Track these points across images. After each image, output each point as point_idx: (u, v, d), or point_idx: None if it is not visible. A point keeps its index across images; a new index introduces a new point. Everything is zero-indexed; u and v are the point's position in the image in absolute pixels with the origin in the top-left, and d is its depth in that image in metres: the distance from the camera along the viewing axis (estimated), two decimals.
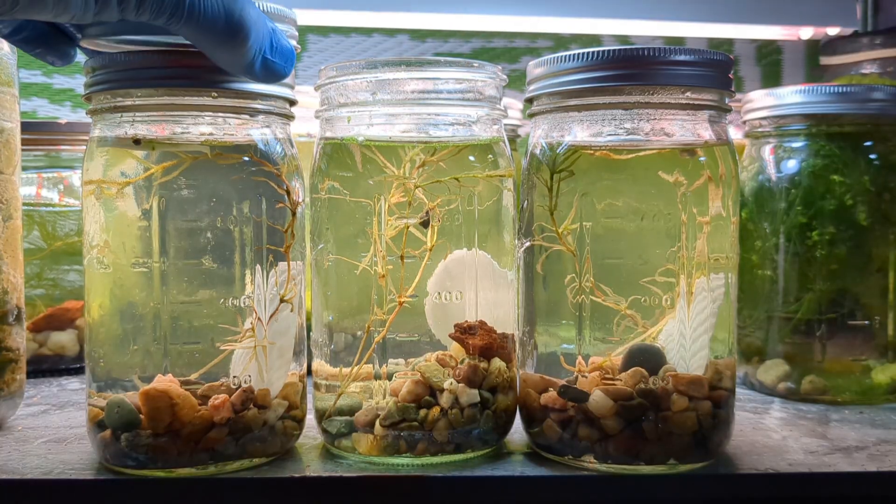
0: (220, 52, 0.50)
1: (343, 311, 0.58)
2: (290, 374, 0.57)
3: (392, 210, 0.55)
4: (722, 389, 0.56)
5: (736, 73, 1.26)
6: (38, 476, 0.53)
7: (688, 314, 0.54)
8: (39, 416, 0.68)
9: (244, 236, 0.55)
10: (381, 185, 0.55)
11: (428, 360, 0.56)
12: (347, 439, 0.56)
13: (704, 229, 0.55)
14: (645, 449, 0.54)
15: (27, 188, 0.87)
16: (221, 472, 0.54)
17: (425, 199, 0.55)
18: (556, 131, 0.57)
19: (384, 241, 0.55)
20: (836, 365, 0.74)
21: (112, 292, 0.55)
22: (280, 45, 0.52)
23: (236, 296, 0.55)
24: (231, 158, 0.55)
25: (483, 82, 0.57)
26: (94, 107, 0.55)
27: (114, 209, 0.54)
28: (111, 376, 0.55)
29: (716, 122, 0.57)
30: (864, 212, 0.74)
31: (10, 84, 0.66)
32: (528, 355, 0.59)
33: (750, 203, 0.78)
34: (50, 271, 0.87)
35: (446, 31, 1.22)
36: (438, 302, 0.56)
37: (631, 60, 0.54)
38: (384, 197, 0.55)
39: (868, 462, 0.57)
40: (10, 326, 0.65)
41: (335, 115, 0.57)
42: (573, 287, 0.55)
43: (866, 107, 0.74)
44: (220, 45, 0.49)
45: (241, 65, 0.51)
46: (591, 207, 0.55)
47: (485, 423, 0.56)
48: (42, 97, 1.17)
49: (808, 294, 0.74)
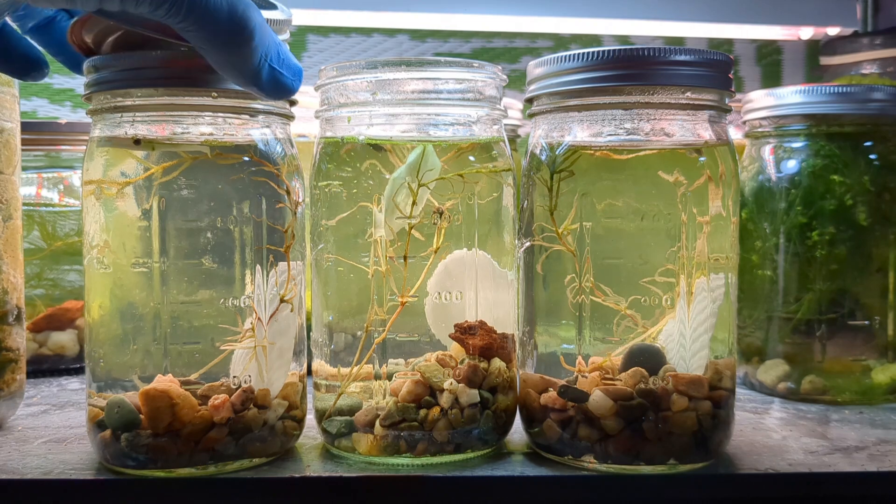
0: (224, 53, 0.48)
1: (343, 311, 0.58)
2: (290, 374, 0.57)
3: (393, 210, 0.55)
4: (722, 389, 0.56)
5: (736, 73, 1.26)
6: (38, 476, 0.53)
7: (688, 314, 0.54)
8: (39, 416, 0.68)
9: (244, 236, 0.55)
10: (381, 184, 0.55)
11: (428, 360, 0.56)
12: (347, 439, 0.56)
13: (704, 229, 0.55)
14: (645, 449, 0.54)
15: (27, 188, 0.87)
16: (221, 472, 0.54)
17: (434, 201, 0.55)
18: (556, 131, 0.57)
19: (384, 241, 0.55)
20: (836, 365, 0.74)
21: (112, 292, 0.55)
22: (288, 58, 0.51)
23: (236, 296, 0.55)
24: (231, 158, 0.55)
25: (483, 82, 0.57)
26: (94, 107, 0.55)
27: (114, 209, 0.54)
28: (111, 376, 0.55)
29: (716, 122, 0.57)
30: (864, 212, 0.74)
31: (10, 84, 0.66)
32: (528, 355, 0.59)
33: (750, 203, 0.78)
34: (50, 271, 0.87)
35: (446, 31, 1.22)
36: (438, 302, 0.56)
37: (631, 60, 0.54)
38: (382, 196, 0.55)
39: (868, 462, 0.57)
40: (10, 326, 0.65)
41: (335, 115, 0.57)
42: (573, 287, 0.55)
43: (866, 107, 0.74)
44: (224, 45, 0.47)
45: (248, 69, 0.49)
46: (591, 207, 0.55)
47: (485, 423, 0.56)
48: (42, 97, 1.17)
49: (808, 294, 0.74)
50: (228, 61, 0.49)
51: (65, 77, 1.17)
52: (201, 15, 0.45)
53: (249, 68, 0.49)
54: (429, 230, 0.56)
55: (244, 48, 0.48)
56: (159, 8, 0.44)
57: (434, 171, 0.55)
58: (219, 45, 0.48)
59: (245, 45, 0.48)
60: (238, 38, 0.47)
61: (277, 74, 0.50)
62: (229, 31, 0.47)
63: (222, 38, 0.47)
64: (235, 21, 0.47)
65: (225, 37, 0.47)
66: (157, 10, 0.44)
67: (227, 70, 0.49)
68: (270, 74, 0.50)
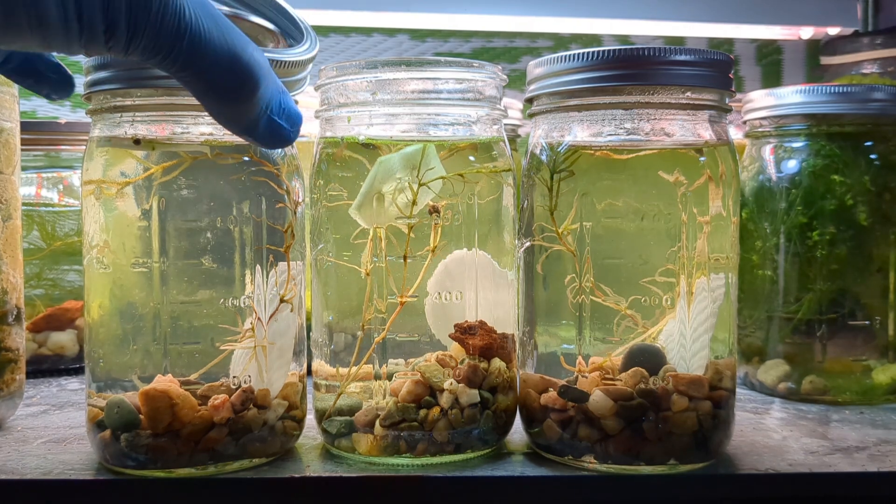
0: (223, 105, 0.43)
1: (343, 311, 0.58)
2: (290, 374, 0.57)
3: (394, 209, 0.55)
4: (722, 389, 0.56)
5: (736, 73, 1.26)
6: (38, 476, 0.53)
7: (688, 314, 0.54)
8: (39, 417, 0.68)
9: (244, 236, 0.55)
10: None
11: (428, 361, 0.56)
12: (347, 439, 0.56)
13: (705, 229, 0.55)
14: (645, 449, 0.54)
15: (27, 188, 0.87)
16: (221, 473, 0.54)
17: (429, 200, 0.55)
18: (556, 131, 0.57)
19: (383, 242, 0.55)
20: (837, 365, 0.74)
21: (112, 292, 0.55)
22: (289, 106, 0.45)
23: (236, 296, 0.55)
24: (231, 158, 0.54)
25: (483, 82, 0.57)
26: (94, 107, 0.55)
27: (113, 209, 0.54)
28: (111, 376, 0.55)
29: (716, 122, 0.57)
30: (865, 212, 0.74)
31: (10, 84, 0.66)
32: (528, 355, 0.59)
33: (750, 203, 0.77)
34: (50, 271, 0.87)
35: (446, 31, 1.22)
36: (438, 302, 0.56)
37: (631, 60, 0.54)
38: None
39: (868, 462, 0.57)
40: (10, 326, 0.65)
41: (335, 115, 0.57)
42: (573, 287, 0.55)
43: (867, 107, 0.74)
44: (223, 99, 0.42)
45: (245, 121, 0.44)
46: (592, 207, 0.55)
47: (485, 424, 0.56)
48: (42, 97, 1.17)
49: (809, 294, 0.74)
50: (225, 113, 0.44)
51: None
52: (202, 68, 0.40)
53: (246, 120, 0.44)
54: (420, 230, 0.56)
55: (245, 102, 0.43)
56: (154, 57, 0.39)
57: (435, 170, 0.55)
58: (219, 99, 0.43)
59: (247, 100, 0.43)
60: (240, 92, 0.42)
61: (276, 126, 0.45)
62: (231, 84, 0.42)
63: (222, 92, 0.42)
64: (238, 73, 0.42)
65: (226, 90, 0.42)
66: (152, 59, 0.39)
67: (221, 119, 0.45)
68: (268, 126, 0.45)
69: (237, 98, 0.42)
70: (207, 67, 0.40)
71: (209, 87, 0.42)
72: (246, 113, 0.43)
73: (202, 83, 0.41)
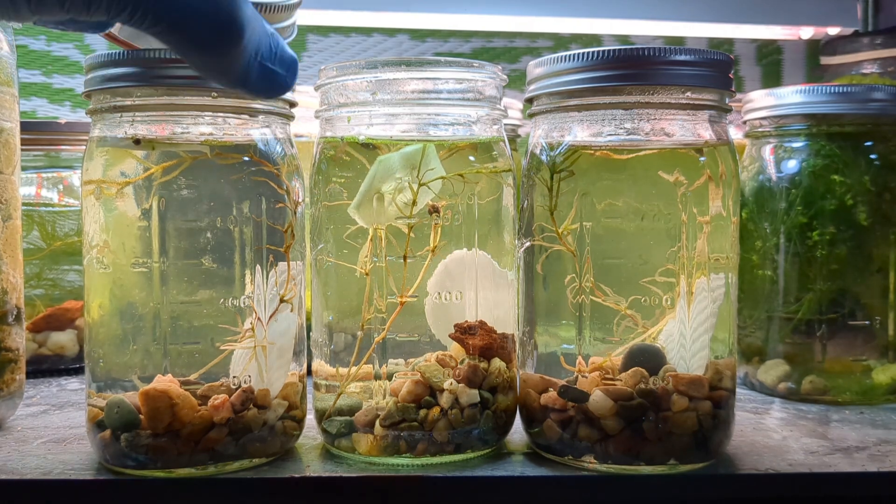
0: (206, 56, 0.39)
1: (343, 311, 0.58)
2: (290, 374, 0.57)
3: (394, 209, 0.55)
4: (722, 389, 0.56)
5: (736, 73, 1.26)
6: (38, 476, 0.53)
7: (688, 314, 0.54)
8: (39, 417, 0.68)
9: (244, 236, 0.55)
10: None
11: (428, 361, 0.56)
12: (347, 439, 0.56)
13: (705, 229, 0.55)
14: (645, 449, 0.54)
15: (27, 188, 0.87)
16: (221, 473, 0.54)
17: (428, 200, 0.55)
18: (556, 131, 0.57)
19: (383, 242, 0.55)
20: (837, 365, 0.74)
21: (112, 292, 0.55)
22: (281, 49, 0.43)
23: (236, 296, 0.55)
24: (231, 158, 0.54)
25: (483, 82, 0.57)
26: (94, 107, 0.55)
27: (113, 209, 0.54)
28: (111, 376, 0.55)
29: (716, 122, 0.57)
30: (865, 212, 0.74)
31: (10, 84, 0.66)
32: (528, 355, 0.59)
33: (750, 203, 0.77)
34: (50, 271, 0.87)
35: (446, 31, 1.22)
36: (438, 302, 0.56)
37: (631, 60, 0.54)
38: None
39: (868, 462, 0.57)
40: (10, 326, 0.65)
41: (335, 115, 0.57)
42: (573, 287, 0.55)
43: (867, 107, 0.74)
44: (206, 50, 0.39)
45: (235, 73, 0.41)
46: (591, 207, 0.55)
47: (485, 424, 0.56)
48: (41, 97, 1.17)
49: (809, 294, 0.74)
50: (211, 66, 0.41)
51: (64, 77, 1.17)
52: (176, 19, 0.37)
53: (237, 71, 0.41)
54: (420, 230, 0.56)
55: (232, 51, 0.40)
56: (120, 13, 0.36)
57: (434, 171, 0.55)
58: (200, 50, 0.39)
59: (233, 48, 0.39)
60: (224, 41, 0.39)
61: (269, 73, 0.42)
62: (212, 33, 0.39)
63: (203, 43, 0.39)
64: (218, 20, 0.38)
65: (207, 41, 0.39)
66: (118, 15, 0.36)
67: (209, 74, 0.42)
68: (261, 74, 0.42)
69: (221, 47, 0.39)
70: (182, 18, 0.37)
71: (188, 39, 0.38)
72: (234, 63, 0.40)
73: (179, 36, 0.38)
